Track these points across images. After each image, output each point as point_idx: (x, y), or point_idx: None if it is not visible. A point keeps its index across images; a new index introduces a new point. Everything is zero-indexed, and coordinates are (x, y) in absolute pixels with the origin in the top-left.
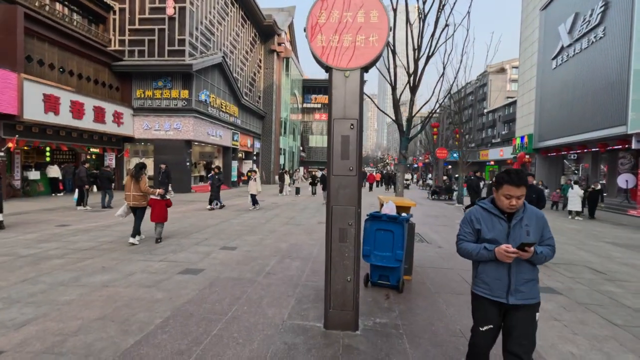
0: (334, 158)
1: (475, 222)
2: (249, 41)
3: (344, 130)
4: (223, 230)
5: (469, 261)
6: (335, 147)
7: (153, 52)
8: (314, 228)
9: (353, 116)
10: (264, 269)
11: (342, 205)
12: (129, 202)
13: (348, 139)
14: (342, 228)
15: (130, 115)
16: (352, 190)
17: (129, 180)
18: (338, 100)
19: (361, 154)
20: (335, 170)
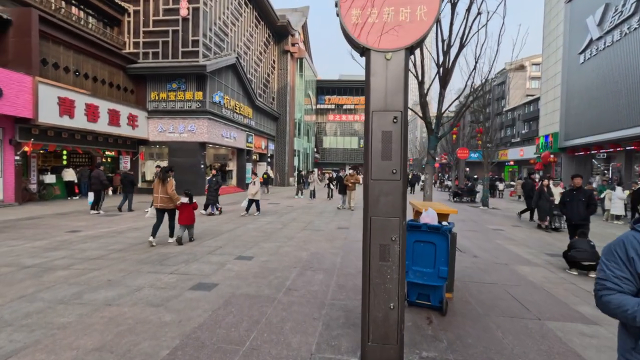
0: (372, 159)
1: (638, 260)
2: (262, 42)
3: (385, 125)
4: (238, 236)
5: (515, 276)
6: (375, 146)
7: (167, 54)
8: (335, 234)
9: (396, 107)
10: (283, 283)
11: (383, 217)
12: (156, 204)
13: (390, 136)
14: (383, 244)
15: (144, 118)
16: (396, 198)
17: (157, 183)
18: (377, 89)
19: (406, 153)
20: (375, 174)
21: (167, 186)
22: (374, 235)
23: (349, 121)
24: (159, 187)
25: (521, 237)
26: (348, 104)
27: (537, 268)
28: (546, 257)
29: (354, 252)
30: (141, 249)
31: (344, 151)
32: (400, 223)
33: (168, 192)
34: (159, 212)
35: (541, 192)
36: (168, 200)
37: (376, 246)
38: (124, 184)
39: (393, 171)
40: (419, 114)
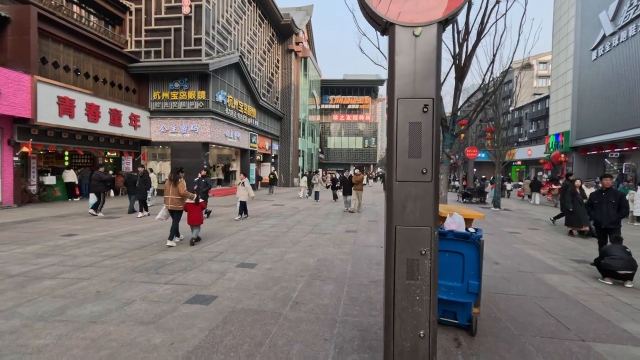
0: (397, 156)
1: None
2: (266, 41)
3: (414, 115)
4: (241, 241)
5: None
6: (401, 140)
7: (169, 53)
8: (343, 238)
9: (427, 94)
10: (289, 295)
11: (411, 226)
12: (167, 205)
13: (419, 128)
14: (411, 259)
15: (147, 118)
16: (427, 203)
17: (168, 184)
18: (404, 72)
19: (439, 149)
20: (400, 174)
21: (178, 187)
22: (400, 249)
23: (354, 121)
24: (169, 188)
25: (540, 241)
26: (352, 104)
27: (566, 277)
28: (573, 263)
29: (365, 259)
30: (137, 255)
31: (349, 151)
32: (432, 233)
33: (181, 192)
34: (170, 212)
35: (574, 194)
36: (179, 202)
37: (402, 261)
38: (128, 185)
39: (423, 171)
40: None
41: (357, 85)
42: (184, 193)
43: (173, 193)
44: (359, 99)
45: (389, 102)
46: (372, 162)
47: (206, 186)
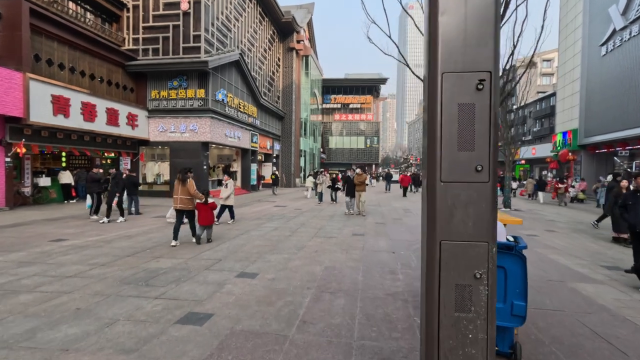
0: (442, 148)
1: None
2: (267, 39)
3: (464, 94)
4: (241, 246)
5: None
6: (446, 128)
7: (167, 50)
8: (350, 242)
9: (482, 66)
10: (296, 312)
11: (461, 240)
12: (175, 205)
13: (472, 111)
14: (462, 285)
15: (145, 117)
16: (483, 210)
17: (177, 184)
18: (450, 36)
19: (497, 138)
20: (446, 172)
21: (187, 187)
22: (447, 271)
23: (355, 120)
24: (179, 188)
25: (562, 244)
26: (354, 103)
27: (602, 287)
28: (604, 270)
29: (377, 267)
30: (128, 263)
31: (350, 151)
32: (490, 251)
33: (190, 192)
34: (178, 213)
35: (617, 196)
36: (188, 202)
37: (449, 287)
38: (128, 187)
39: (477, 168)
40: None
41: (358, 84)
42: (194, 193)
43: (182, 193)
44: (361, 98)
45: (428, 79)
46: (374, 162)
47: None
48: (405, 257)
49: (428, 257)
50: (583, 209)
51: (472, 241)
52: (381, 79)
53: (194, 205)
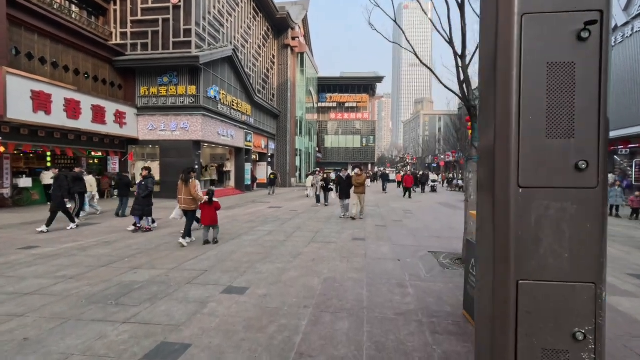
0: (520, 134)
1: None
2: (261, 35)
3: (557, 49)
4: (230, 254)
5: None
6: (527, 102)
7: (157, 45)
8: (351, 248)
9: (588, 3)
10: (291, 341)
11: (551, 281)
12: (180, 205)
13: (571, 75)
14: (555, 351)
15: (133, 115)
16: (587, 232)
17: (180, 184)
18: None
19: (607, 120)
20: (527, 173)
21: (190, 187)
22: (528, 328)
23: (351, 119)
24: (182, 188)
25: None
26: (350, 102)
27: (636, 300)
28: (634, 280)
29: (382, 278)
30: (100, 275)
31: (346, 150)
32: (599, 297)
33: (192, 193)
34: (184, 212)
35: None
36: (191, 202)
37: (532, 355)
38: (120, 188)
39: (580, 165)
40: (458, 94)
41: (354, 82)
42: (195, 194)
43: (185, 193)
44: (357, 97)
45: (497, 25)
46: (370, 161)
47: (147, 190)
48: (413, 265)
49: (496, 306)
50: None
51: (569, 282)
52: (377, 77)
53: (197, 205)
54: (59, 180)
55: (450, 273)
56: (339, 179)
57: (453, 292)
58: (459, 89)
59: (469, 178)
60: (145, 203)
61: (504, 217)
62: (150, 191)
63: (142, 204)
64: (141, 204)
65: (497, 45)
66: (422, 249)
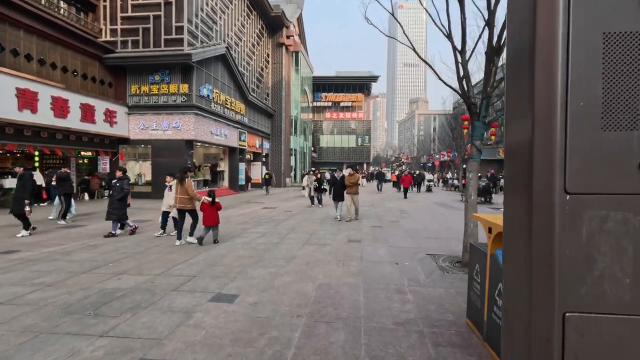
0: (567, 125)
1: None
2: (255, 33)
3: (617, 16)
4: (220, 258)
5: None
6: (576, 83)
7: (148, 42)
8: (346, 251)
9: None
10: (283, 355)
11: (610, 314)
12: (175, 204)
13: (636, 49)
14: None
15: (124, 114)
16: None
17: (176, 184)
18: None
19: None
20: (577, 175)
21: (186, 187)
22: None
23: (346, 119)
24: (178, 187)
25: None
26: (345, 101)
27: None
28: None
29: (380, 283)
30: (80, 282)
31: (342, 150)
32: None
33: (189, 192)
34: (179, 212)
35: None
36: (187, 201)
37: None
38: None
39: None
40: (457, 91)
41: (349, 82)
42: (192, 194)
43: (181, 192)
44: (352, 96)
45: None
46: (366, 161)
47: (123, 192)
48: (411, 269)
49: (534, 345)
50: None
51: (632, 315)
52: (372, 76)
53: (193, 204)
54: (23, 180)
55: (451, 277)
56: (333, 179)
57: (454, 298)
58: (459, 85)
59: (469, 178)
60: (120, 206)
61: (546, 231)
62: (126, 193)
63: (117, 207)
64: (116, 207)
65: (535, 11)
66: (421, 251)
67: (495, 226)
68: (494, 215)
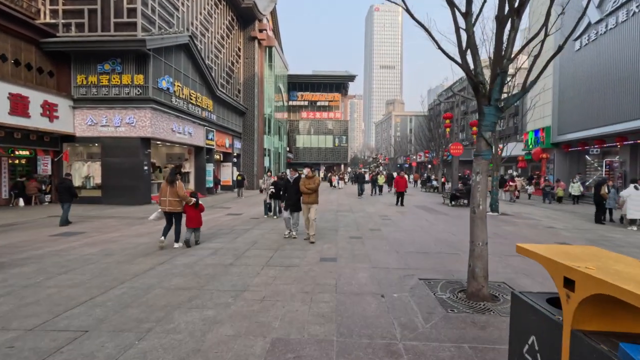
0: None
1: None
2: (224, 25)
3: None
4: (145, 290)
5: None
6: None
7: (95, 26)
8: (317, 276)
9: None
10: None
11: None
12: (164, 207)
13: None
14: None
15: (68, 108)
16: None
17: (165, 186)
18: None
19: None
20: None
21: (176, 188)
22: None
23: (323, 119)
24: (166, 189)
25: None
26: (322, 101)
27: None
28: None
29: (360, 333)
30: None
31: (319, 150)
32: None
33: (179, 194)
34: (167, 215)
35: None
36: (177, 204)
37: None
38: (60, 192)
39: None
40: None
41: (326, 81)
42: (184, 196)
43: (171, 195)
44: (329, 96)
45: None
46: (343, 162)
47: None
48: (403, 306)
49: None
50: (569, 210)
51: None
52: (349, 75)
53: (182, 207)
54: None
55: (459, 321)
56: (285, 183)
57: None
58: (461, 60)
59: (476, 181)
60: None
61: None
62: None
63: None
64: None
65: None
66: (410, 272)
67: (585, 280)
68: (559, 248)
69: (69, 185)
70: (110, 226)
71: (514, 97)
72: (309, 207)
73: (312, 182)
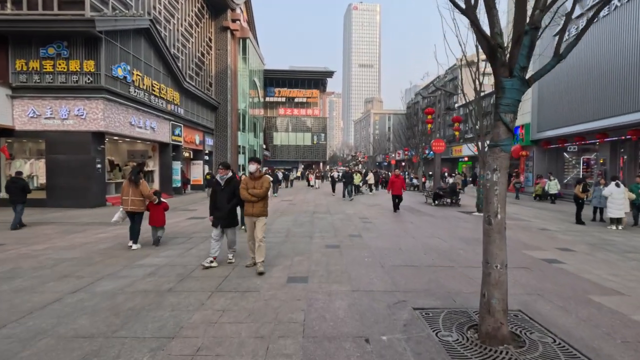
0: None
1: None
2: (193, 12)
3: None
4: (25, 342)
5: None
6: None
7: (35, 4)
8: (280, 306)
9: None
10: None
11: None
12: (126, 207)
13: None
14: None
15: (6, 97)
16: None
17: (127, 185)
18: None
19: None
20: None
21: (141, 188)
22: None
23: (301, 116)
24: (129, 189)
25: (609, 276)
26: (300, 97)
27: None
28: None
29: None
30: None
31: (297, 148)
32: None
33: (145, 194)
34: (130, 215)
35: None
36: (141, 203)
37: None
38: (13, 192)
39: None
40: (471, 18)
41: (304, 76)
42: (148, 195)
43: (134, 194)
44: (307, 92)
45: None
46: (322, 160)
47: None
48: (396, 356)
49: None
50: (555, 209)
51: None
52: (328, 71)
53: (145, 206)
54: None
55: None
56: (214, 184)
57: None
58: (471, 22)
59: (492, 181)
60: None
61: None
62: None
63: None
64: None
65: None
66: (401, 297)
67: None
68: None
69: (23, 184)
70: (40, 235)
71: (545, 67)
72: (253, 221)
73: (259, 184)
